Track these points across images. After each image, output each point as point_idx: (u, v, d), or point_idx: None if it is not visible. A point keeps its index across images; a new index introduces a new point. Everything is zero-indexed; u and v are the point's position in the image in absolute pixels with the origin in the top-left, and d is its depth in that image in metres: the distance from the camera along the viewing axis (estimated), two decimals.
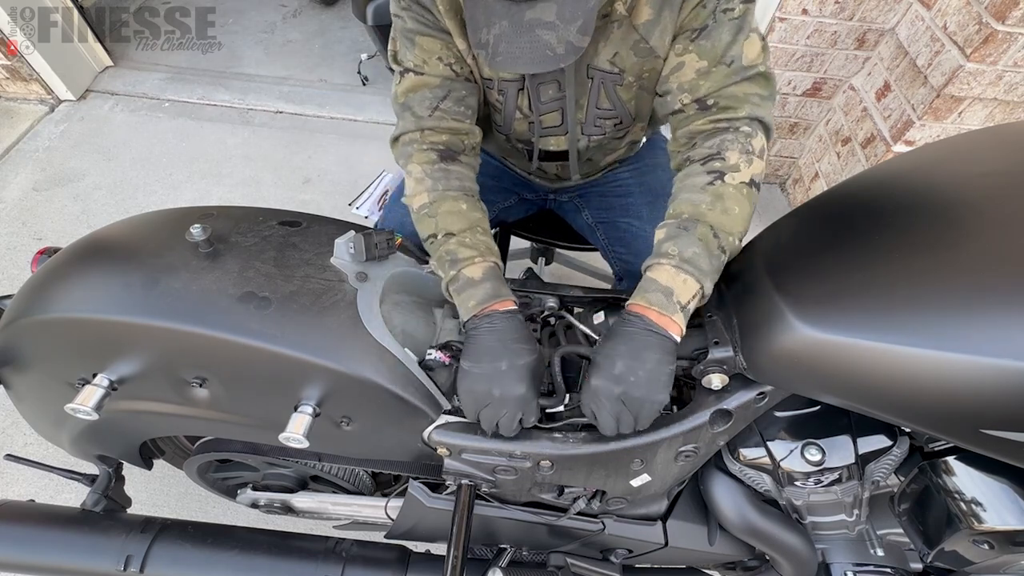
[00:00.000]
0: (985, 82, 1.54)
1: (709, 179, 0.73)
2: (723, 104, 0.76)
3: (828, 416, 0.77)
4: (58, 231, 2.02)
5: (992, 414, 0.53)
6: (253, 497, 1.06)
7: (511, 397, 0.68)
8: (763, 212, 2.30)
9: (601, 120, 0.94)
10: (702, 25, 0.74)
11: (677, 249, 0.70)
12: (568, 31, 0.61)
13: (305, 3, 3.23)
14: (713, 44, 0.74)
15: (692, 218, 0.72)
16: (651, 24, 0.76)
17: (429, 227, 0.79)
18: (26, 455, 0.95)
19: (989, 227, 0.57)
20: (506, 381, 0.68)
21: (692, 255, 0.69)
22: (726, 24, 0.73)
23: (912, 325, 0.54)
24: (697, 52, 0.75)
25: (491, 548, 0.95)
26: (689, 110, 0.78)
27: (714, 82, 0.76)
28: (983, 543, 0.67)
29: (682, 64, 0.77)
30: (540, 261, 1.63)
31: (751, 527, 0.81)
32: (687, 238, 0.70)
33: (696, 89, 0.77)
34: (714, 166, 0.74)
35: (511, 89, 0.88)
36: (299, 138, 2.46)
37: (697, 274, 0.69)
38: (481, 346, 0.70)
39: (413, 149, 0.83)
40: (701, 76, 0.76)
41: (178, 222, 0.78)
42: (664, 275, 0.69)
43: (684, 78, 0.77)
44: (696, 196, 0.73)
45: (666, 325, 0.67)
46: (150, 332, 0.68)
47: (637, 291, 0.71)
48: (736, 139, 0.74)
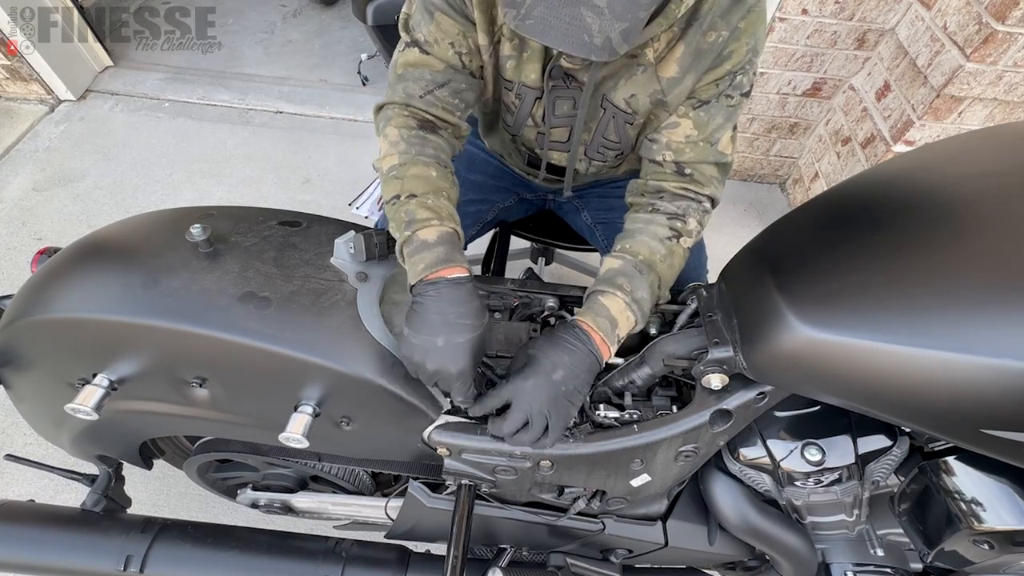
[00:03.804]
0: (985, 82, 1.54)
1: (669, 235, 0.80)
2: (696, 177, 0.82)
3: (828, 416, 0.77)
4: (58, 231, 2.02)
5: (992, 414, 0.53)
6: (253, 497, 1.06)
7: (445, 374, 0.66)
8: (763, 212, 2.30)
9: (604, 149, 0.95)
10: (707, 99, 0.80)
11: (631, 287, 0.74)
12: (612, 27, 0.58)
13: (305, 3, 3.23)
14: (709, 119, 0.80)
15: (647, 263, 0.77)
16: (674, 81, 0.79)
17: (394, 189, 0.74)
18: (26, 455, 0.95)
19: (989, 227, 0.57)
20: (440, 357, 0.65)
21: (640, 298, 0.74)
22: (724, 108, 0.80)
23: (912, 325, 0.54)
24: (694, 120, 0.81)
25: (491, 548, 0.95)
26: (667, 168, 0.84)
27: (696, 154, 0.82)
28: (983, 543, 0.67)
29: (677, 124, 0.82)
30: (540, 261, 1.63)
31: (751, 527, 0.81)
32: (640, 281, 0.75)
33: (680, 153, 0.82)
34: (676, 225, 0.80)
35: (529, 96, 0.87)
36: (299, 138, 2.46)
37: (639, 316, 0.74)
38: (422, 316, 0.67)
39: (393, 114, 0.80)
40: (689, 143, 0.82)
41: (178, 222, 0.78)
42: (615, 306, 0.73)
43: (674, 137, 0.82)
44: (655, 244, 0.79)
45: (602, 352, 0.71)
46: (150, 332, 0.68)
47: (588, 310, 0.74)
48: (698, 210, 0.82)
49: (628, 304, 0.73)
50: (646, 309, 0.75)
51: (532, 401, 0.67)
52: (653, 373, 0.76)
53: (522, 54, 0.81)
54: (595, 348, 0.70)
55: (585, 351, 0.70)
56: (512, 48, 0.81)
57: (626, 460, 0.74)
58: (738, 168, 2.37)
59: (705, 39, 0.74)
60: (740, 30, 0.74)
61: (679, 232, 0.80)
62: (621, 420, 0.75)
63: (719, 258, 0.84)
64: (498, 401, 0.69)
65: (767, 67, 1.95)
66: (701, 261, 1.11)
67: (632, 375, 0.77)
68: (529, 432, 0.68)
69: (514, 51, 0.81)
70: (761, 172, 2.38)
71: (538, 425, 0.67)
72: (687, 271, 1.06)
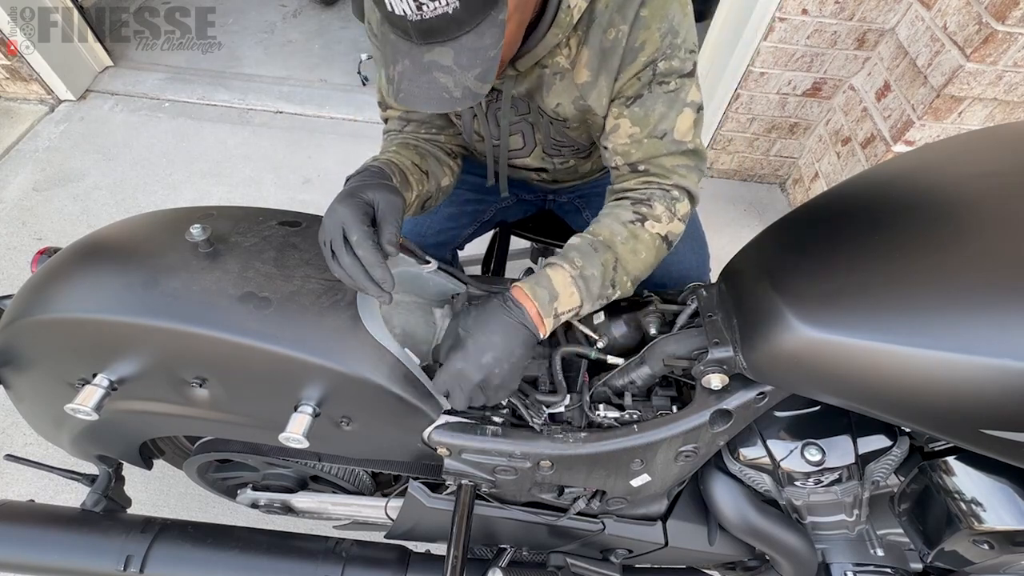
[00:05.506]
0: (985, 82, 1.54)
1: (632, 218, 0.77)
2: (653, 171, 0.80)
3: (828, 416, 0.77)
4: (58, 231, 2.02)
5: (992, 414, 0.53)
6: (253, 497, 1.06)
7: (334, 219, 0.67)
8: (763, 212, 2.30)
9: (559, 147, 0.96)
10: (636, 94, 0.77)
11: (581, 263, 0.72)
12: (465, 77, 0.61)
13: (305, 3, 3.23)
14: (646, 113, 0.77)
15: (605, 243, 0.75)
16: (589, 85, 0.79)
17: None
18: (26, 455, 0.95)
19: (989, 227, 0.57)
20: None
21: (590, 275, 0.72)
22: (661, 96, 0.76)
23: (912, 325, 0.54)
24: (630, 118, 0.78)
25: (491, 548, 0.95)
26: (623, 170, 0.82)
27: (644, 151, 0.79)
28: (983, 543, 0.67)
29: (617, 127, 0.80)
30: (540, 261, 1.63)
31: (751, 527, 0.81)
32: (593, 258, 0.73)
33: (628, 155, 0.80)
34: (640, 209, 0.78)
35: (466, 113, 0.91)
36: (299, 138, 2.46)
37: (584, 294, 0.72)
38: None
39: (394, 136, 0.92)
40: (633, 143, 0.79)
41: (178, 222, 0.78)
42: (559, 278, 0.72)
43: (618, 141, 0.80)
44: (616, 226, 0.76)
45: (537, 324, 0.70)
46: (150, 332, 0.68)
47: (528, 279, 0.73)
48: (664, 197, 0.79)
49: (574, 279, 0.71)
50: (594, 289, 0.72)
51: (465, 386, 0.68)
52: (653, 373, 0.76)
53: None
54: (528, 320, 0.69)
55: (516, 324, 0.68)
56: None
57: (626, 460, 0.74)
58: (738, 168, 2.37)
59: (607, 38, 0.73)
60: (643, 18, 0.72)
61: (643, 216, 0.77)
62: (621, 420, 0.75)
63: (719, 258, 0.84)
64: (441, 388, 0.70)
65: (767, 67, 1.95)
66: (703, 261, 1.11)
67: (632, 375, 0.77)
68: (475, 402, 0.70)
69: None
70: (761, 172, 2.38)
71: (479, 400, 0.70)
72: (687, 271, 1.06)
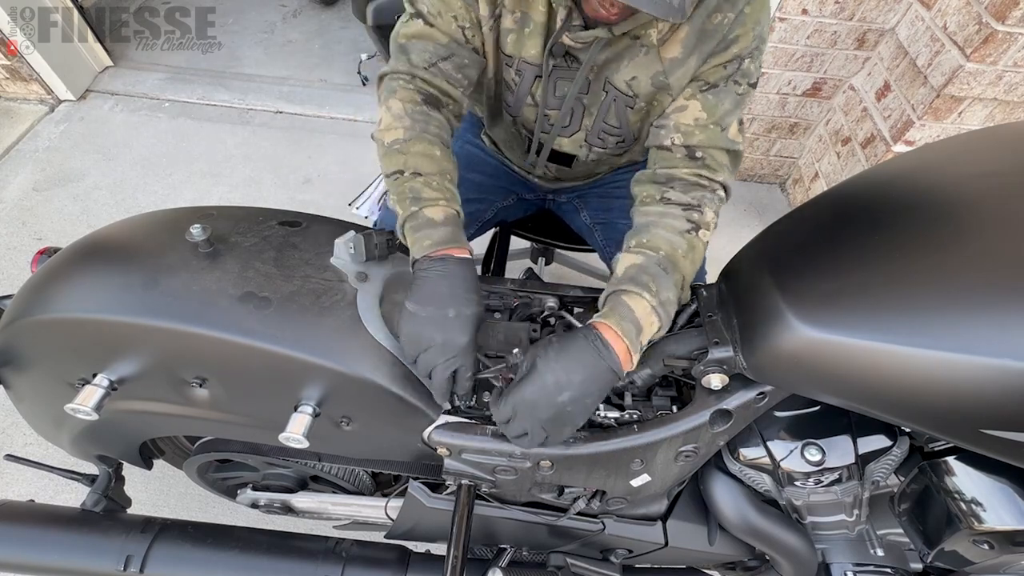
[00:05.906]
0: (985, 82, 1.54)
1: (688, 227, 0.74)
2: (708, 162, 0.78)
3: (828, 416, 0.77)
4: (58, 231, 2.02)
5: (992, 414, 0.53)
6: (253, 497, 1.06)
7: (453, 345, 0.66)
8: (763, 212, 2.30)
9: (605, 135, 0.94)
10: (715, 82, 0.78)
11: (656, 287, 0.68)
12: None
13: (305, 3, 3.23)
14: (718, 103, 0.78)
15: (669, 259, 0.71)
16: (676, 63, 0.78)
17: (397, 163, 0.74)
18: (26, 455, 0.95)
19: (989, 227, 0.57)
20: (451, 329, 0.66)
21: (666, 300, 0.69)
22: (732, 94, 0.78)
23: (912, 325, 0.54)
24: (702, 103, 0.79)
25: (491, 548, 0.95)
26: (677, 152, 0.80)
27: (706, 137, 0.79)
28: (983, 543, 0.67)
29: (685, 107, 0.80)
30: (540, 261, 1.63)
31: (751, 527, 0.81)
32: (666, 281, 0.69)
33: (690, 136, 0.79)
34: (693, 216, 0.75)
35: (528, 73, 0.87)
36: (299, 138, 2.46)
37: (664, 321, 0.68)
38: (431, 289, 0.68)
39: (398, 86, 0.79)
40: (698, 126, 0.79)
41: (178, 222, 0.78)
42: (641, 308, 0.67)
43: (683, 120, 0.80)
44: (675, 239, 0.73)
45: (624, 363, 0.66)
46: (150, 332, 0.68)
47: (613, 312, 0.67)
48: (713, 200, 0.77)
49: (654, 307, 0.67)
50: (671, 311, 0.69)
51: (531, 418, 0.65)
52: (653, 373, 0.76)
53: (523, 28, 0.81)
54: (615, 361, 0.64)
55: (604, 368, 0.64)
56: (513, 21, 0.81)
57: (626, 460, 0.74)
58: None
59: (710, 20, 0.74)
60: (745, 15, 0.74)
61: (697, 224, 0.74)
62: (621, 420, 0.75)
63: (719, 258, 0.84)
64: (505, 414, 0.67)
65: (767, 67, 1.94)
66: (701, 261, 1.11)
67: (632, 375, 0.77)
68: (526, 441, 0.68)
69: (515, 24, 0.81)
70: (761, 172, 2.38)
71: (537, 438, 0.67)
72: None
